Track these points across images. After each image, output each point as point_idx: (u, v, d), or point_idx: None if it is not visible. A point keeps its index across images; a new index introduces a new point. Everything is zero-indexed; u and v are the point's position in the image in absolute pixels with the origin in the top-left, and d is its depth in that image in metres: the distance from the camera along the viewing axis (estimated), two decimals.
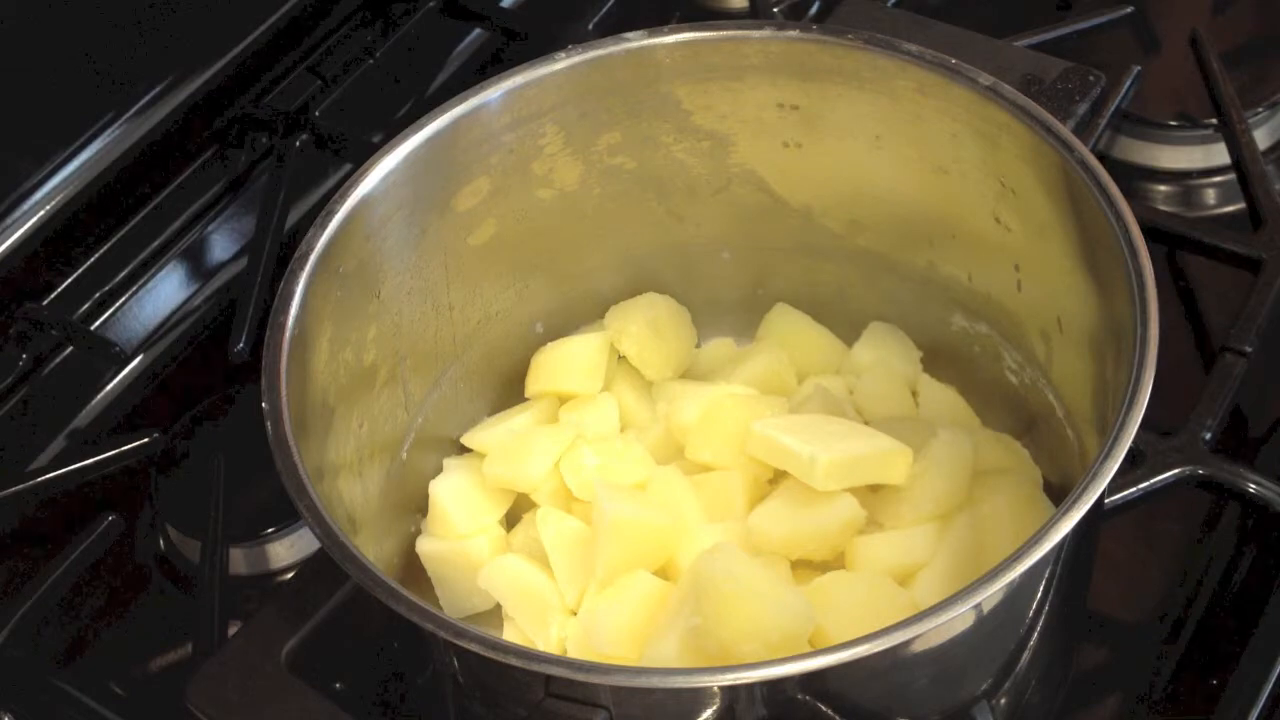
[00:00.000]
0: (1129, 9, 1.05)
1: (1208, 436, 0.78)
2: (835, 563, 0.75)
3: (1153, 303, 0.63)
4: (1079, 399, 0.73)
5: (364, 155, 0.73)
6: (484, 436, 0.81)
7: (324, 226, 0.70)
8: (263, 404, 0.64)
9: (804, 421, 0.76)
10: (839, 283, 0.85)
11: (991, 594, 0.56)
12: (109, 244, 0.98)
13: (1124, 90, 0.92)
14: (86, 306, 0.96)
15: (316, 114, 1.03)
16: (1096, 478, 0.58)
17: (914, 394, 0.83)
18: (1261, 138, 0.99)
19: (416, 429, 0.79)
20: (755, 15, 1.08)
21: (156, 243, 0.99)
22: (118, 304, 0.97)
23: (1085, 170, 0.68)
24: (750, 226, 0.84)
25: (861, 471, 0.74)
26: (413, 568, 0.78)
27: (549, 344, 0.84)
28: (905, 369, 0.83)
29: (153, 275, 0.99)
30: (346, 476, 0.71)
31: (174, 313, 0.97)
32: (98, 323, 0.96)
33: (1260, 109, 0.99)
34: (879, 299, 0.84)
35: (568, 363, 0.83)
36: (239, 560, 0.84)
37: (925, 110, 0.74)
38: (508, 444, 0.80)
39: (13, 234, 0.91)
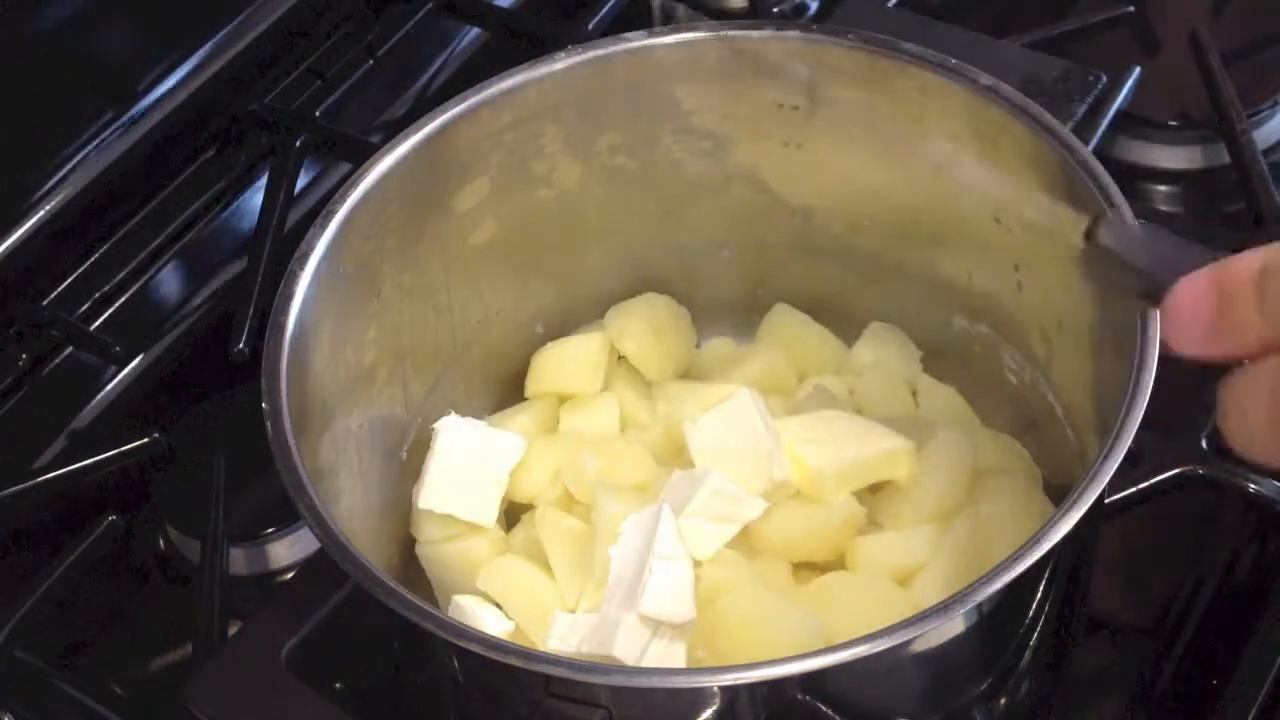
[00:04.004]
0: (1129, 9, 1.05)
1: (1208, 436, 0.78)
2: (836, 563, 0.75)
3: None
4: (1079, 399, 0.73)
5: (364, 155, 0.73)
6: None
7: (324, 226, 0.70)
8: (263, 404, 0.64)
9: (805, 423, 0.76)
10: (839, 283, 0.85)
11: (991, 594, 0.56)
12: (109, 244, 0.98)
13: (1124, 90, 0.92)
14: (86, 306, 0.96)
15: (316, 114, 1.03)
16: (1096, 478, 0.58)
17: (914, 394, 0.83)
18: (1261, 138, 0.99)
19: (416, 429, 0.79)
20: (755, 15, 1.08)
21: (156, 243, 0.99)
22: (118, 304, 0.97)
23: (1085, 170, 0.68)
24: (750, 226, 0.84)
25: (865, 474, 0.75)
26: (413, 568, 0.78)
27: (549, 344, 0.84)
28: (905, 369, 0.83)
29: (153, 275, 0.99)
30: (346, 476, 0.71)
31: (174, 313, 0.97)
32: (98, 323, 0.96)
33: (1260, 109, 0.99)
34: (879, 299, 0.84)
35: (568, 363, 0.83)
36: (239, 560, 0.84)
37: (925, 110, 0.74)
38: None
39: (13, 234, 0.91)
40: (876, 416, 0.79)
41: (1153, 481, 0.76)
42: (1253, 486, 0.76)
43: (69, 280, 0.96)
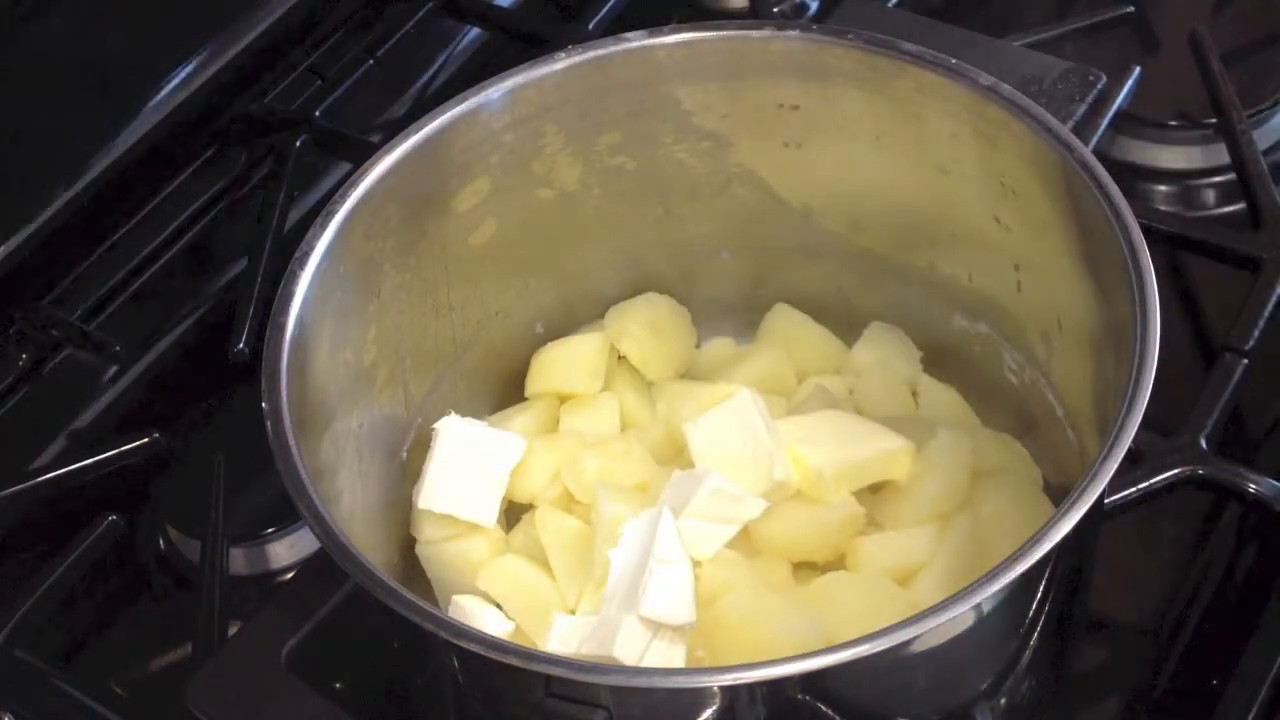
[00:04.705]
0: (1129, 9, 1.05)
1: (1208, 436, 0.78)
2: (836, 563, 0.75)
3: (1153, 303, 0.63)
4: (1079, 399, 0.73)
5: (364, 155, 0.73)
6: None
7: (324, 226, 0.70)
8: (263, 404, 0.64)
9: (805, 423, 0.76)
10: (839, 283, 0.85)
11: (991, 594, 0.56)
12: (109, 244, 0.98)
13: (1124, 90, 0.92)
14: (86, 306, 0.96)
15: (316, 114, 1.03)
16: (1096, 478, 0.58)
17: (914, 394, 0.83)
18: (1261, 138, 0.99)
19: (416, 429, 0.79)
20: (755, 15, 1.08)
21: (156, 243, 0.99)
22: (117, 304, 0.97)
23: (1085, 170, 0.68)
24: (750, 226, 0.84)
25: (865, 474, 0.75)
26: (413, 568, 0.78)
27: (549, 344, 0.84)
28: (905, 369, 0.83)
29: (153, 275, 0.99)
30: (346, 476, 0.71)
31: (174, 313, 0.97)
32: (98, 323, 0.96)
33: (1260, 109, 0.99)
34: (879, 299, 0.84)
35: (568, 363, 0.83)
36: (239, 560, 0.84)
37: (925, 110, 0.74)
38: None
39: (13, 234, 0.91)
40: (876, 416, 0.79)
41: (1153, 481, 0.76)
42: (1253, 486, 0.76)
43: (69, 280, 0.96)
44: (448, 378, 0.81)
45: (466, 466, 0.76)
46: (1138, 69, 0.94)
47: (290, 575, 0.85)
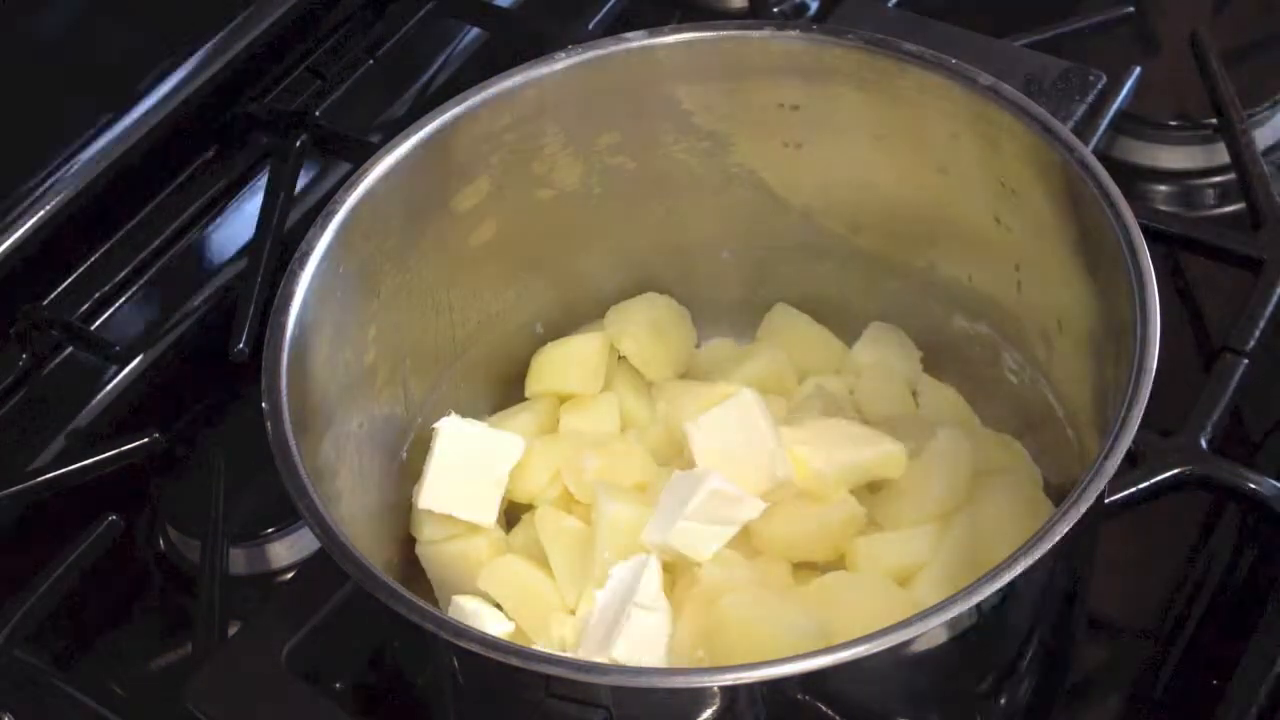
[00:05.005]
0: (1129, 9, 1.05)
1: (1208, 436, 0.78)
2: (836, 563, 0.75)
3: (1153, 303, 0.63)
4: (1079, 399, 0.73)
5: (364, 155, 0.73)
6: None
7: (324, 226, 0.70)
8: (263, 404, 0.64)
9: (798, 432, 0.76)
10: (839, 283, 0.85)
11: (991, 594, 0.56)
12: (109, 244, 0.98)
13: (1124, 90, 0.92)
14: (87, 306, 0.96)
15: (316, 114, 1.03)
16: (1096, 477, 0.58)
17: (914, 394, 0.83)
18: (1261, 138, 0.99)
19: (416, 429, 0.79)
20: (755, 15, 1.08)
21: (156, 243, 0.99)
22: (118, 304, 0.97)
23: (1085, 170, 0.68)
24: (750, 226, 0.84)
25: (860, 473, 0.75)
26: (413, 568, 0.78)
27: (549, 344, 0.84)
28: (905, 369, 0.83)
29: (153, 275, 0.99)
30: (346, 476, 0.71)
31: (174, 313, 0.97)
32: (98, 323, 0.96)
33: (1260, 109, 0.99)
34: (879, 299, 0.84)
35: (568, 363, 0.83)
36: (239, 560, 0.84)
37: (925, 110, 0.74)
38: None
39: (13, 234, 0.91)
40: (876, 416, 0.80)
41: (1153, 481, 0.76)
42: (1253, 486, 0.76)
43: (69, 280, 0.96)
44: (448, 378, 0.81)
45: (466, 466, 0.76)
46: (1138, 69, 0.94)
47: (290, 575, 0.85)
